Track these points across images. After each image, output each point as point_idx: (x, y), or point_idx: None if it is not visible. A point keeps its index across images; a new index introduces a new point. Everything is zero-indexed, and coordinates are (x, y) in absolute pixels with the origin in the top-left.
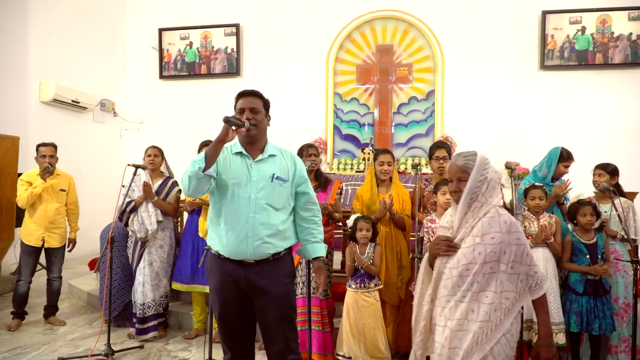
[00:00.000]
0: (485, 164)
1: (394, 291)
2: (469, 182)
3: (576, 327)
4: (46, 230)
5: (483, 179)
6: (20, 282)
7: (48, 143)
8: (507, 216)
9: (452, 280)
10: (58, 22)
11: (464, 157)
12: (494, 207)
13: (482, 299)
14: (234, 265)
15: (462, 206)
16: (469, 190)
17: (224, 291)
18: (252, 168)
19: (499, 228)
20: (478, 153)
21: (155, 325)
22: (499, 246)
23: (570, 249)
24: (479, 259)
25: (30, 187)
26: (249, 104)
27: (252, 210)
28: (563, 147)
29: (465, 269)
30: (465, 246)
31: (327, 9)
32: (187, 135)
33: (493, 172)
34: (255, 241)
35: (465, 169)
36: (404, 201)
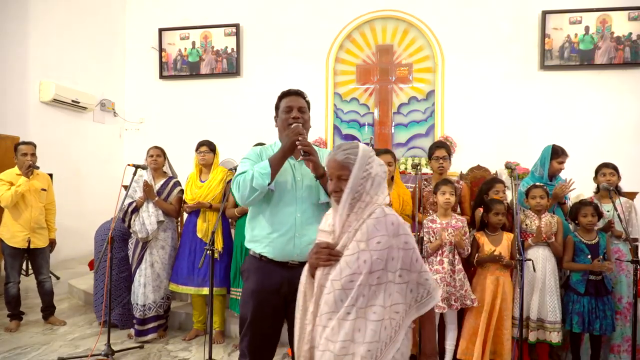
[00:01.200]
0: (369, 157)
1: None
2: (351, 179)
3: (578, 328)
4: (31, 231)
5: (367, 175)
6: (9, 285)
7: (28, 142)
8: (394, 216)
9: (334, 294)
10: (58, 22)
11: (343, 151)
12: (380, 206)
13: (369, 316)
14: (277, 268)
15: (343, 207)
16: (351, 188)
17: (262, 293)
18: (296, 168)
19: (385, 230)
20: (360, 145)
21: (154, 327)
22: (385, 252)
23: (572, 249)
24: (364, 268)
25: (13, 187)
26: (296, 103)
27: (299, 210)
28: (555, 144)
29: (348, 281)
30: (349, 253)
31: (327, 9)
32: (187, 135)
33: (378, 165)
34: (303, 242)
35: (346, 165)
36: (405, 201)
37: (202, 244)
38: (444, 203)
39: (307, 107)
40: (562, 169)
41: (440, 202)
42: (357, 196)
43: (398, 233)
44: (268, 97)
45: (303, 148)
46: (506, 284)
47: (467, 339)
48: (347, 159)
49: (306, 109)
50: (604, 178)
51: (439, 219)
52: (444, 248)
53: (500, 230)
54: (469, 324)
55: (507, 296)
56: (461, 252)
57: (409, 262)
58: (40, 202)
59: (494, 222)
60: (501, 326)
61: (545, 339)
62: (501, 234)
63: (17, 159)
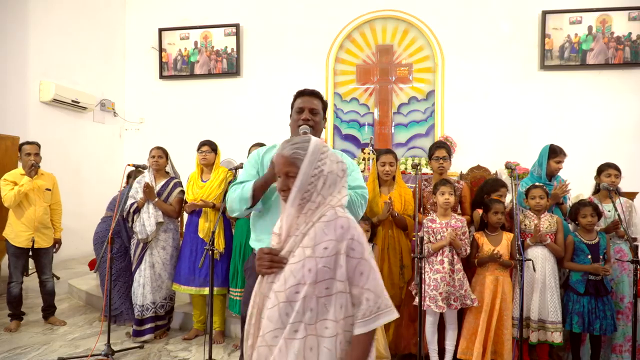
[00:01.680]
0: (322, 152)
1: (397, 291)
2: (299, 177)
3: (578, 328)
4: (36, 231)
5: (318, 173)
6: (12, 284)
7: (32, 142)
8: (345, 219)
9: (279, 307)
10: (58, 22)
11: (292, 146)
12: (334, 208)
13: (322, 332)
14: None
15: (290, 208)
16: (299, 187)
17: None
18: None
19: (333, 234)
20: (312, 139)
21: (151, 327)
22: (332, 258)
23: (571, 249)
24: (309, 278)
25: (16, 186)
26: (309, 104)
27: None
28: (553, 144)
29: (294, 292)
30: (294, 261)
31: (327, 9)
32: (187, 135)
33: (333, 163)
34: None
35: (294, 161)
36: (406, 201)
37: (203, 244)
38: (444, 203)
39: (320, 108)
40: (560, 168)
41: (439, 203)
42: (307, 196)
43: (344, 237)
44: (268, 97)
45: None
46: (506, 284)
47: (467, 339)
48: (295, 154)
49: (319, 110)
50: (609, 179)
51: (438, 219)
52: (444, 248)
53: (500, 230)
54: (468, 324)
55: (507, 296)
56: (459, 252)
57: (352, 273)
58: (44, 201)
59: (493, 221)
60: (501, 326)
61: (546, 339)
62: (501, 234)
63: (22, 158)
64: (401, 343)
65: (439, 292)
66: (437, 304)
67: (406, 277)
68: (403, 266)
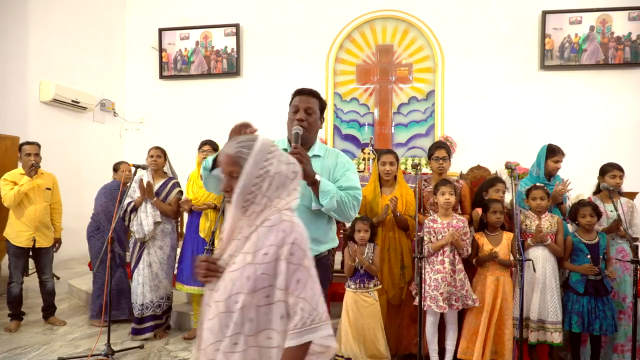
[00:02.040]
0: (269, 152)
1: (397, 291)
2: (242, 177)
3: (578, 328)
4: (36, 231)
5: (263, 174)
6: (12, 284)
7: (32, 142)
8: (288, 223)
9: (219, 318)
10: (58, 22)
11: (237, 144)
12: (280, 211)
13: (265, 343)
14: None
15: (234, 210)
16: (242, 188)
17: None
18: None
19: (274, 239)
20: (259, 138)
21: (151, 326)
22: (272, 265)
23: (570, 249)
24: (247, 287)
25: (16, 186)
26: (305, 104)
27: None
28: (551, 143)
29: (233, 302)
30: (235, 268)
31: (327, 9)
32: (187, 135)
33: (282, 163)
34: None
35: (238, 161)
36: (408, 202)
37: (204, 244)
38: (444, 203)
39: (317, 107)
40: (558, 167)
41: (440, 203)
42: (251, 198)
43: (285, 242)
44: (268, 97)
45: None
46: (506, 284)
47: (467, 339)
48: (239, 153)
49: (315, 109)
50: (613, 180)
51: (440, 219)
52: (445, 248)
53: (499, 230)
54: (469, 324)
55: (508, 296)
56: (460, 252)
57: (289, 279)
58: (45, 201)
59: (492, 220)
60: (502, 326)
61: (546, 339)
62: (501, 234)
63: (22, 158)
64: (402, 343)
65: (439, 292)
66: (438, 304)
67: (407, 278)
68: (404, 266)
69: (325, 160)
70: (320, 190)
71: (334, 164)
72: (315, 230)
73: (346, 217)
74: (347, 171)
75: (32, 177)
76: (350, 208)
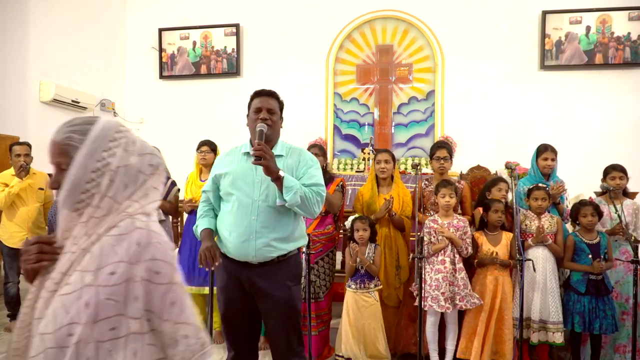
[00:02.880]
0: (111, 139)
1: (392, 292)
2: (71, 171)
3: (579, 328)
4: (29, 231)
5: (102, 167)
6: (8, 285)
7: (22, 142)
8: (144, 232)
9: (45, 355)
10: (58, 22)
11: (67, 128)
12: (132, 216)
13: None
14: (238, 266)
15: (63, 213)
16: (72, 185)
17: (229, 290)
18: (257, 170)
19: (125, 254)
20: (100, 120)
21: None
22: (122, 287)
23: (572, 249)
24: (85, 315)
25: (6, 188)
26: (266, 104)
27: (255, 212)
28: (542, 143)
29: (65, 335)
30: (68, 290)
31: (327, 9)
32: (187, 135)
33: (133, 154)
34: (258, 244)
35: (65, 149)
36: (405, 202)
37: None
38: (445, 205)
39: (277, 108)
40: (549, 165)
41: (441, 205)
42: (86, 199)
43: (141, 258)
44: None
45: (253, 153)
46: (506, 284)
47: (466, 338)
48: (69, 139)
49: (276, 109)
50: (613, 182)
51: (440, 220)
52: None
53: (499, 230)
54: (468, 324)
55: (507, 296)
56: (460, 250)
57: (160, 304)
58: (37, 201)
59: (493, 219)
60: (502, 326)
61: (547, 340)
62: (500, 234)
63: (12, 159)
64: (400, 343)
65: (441, 292)
66: (440, 303)
67: (402, 278)
68: (399, 267)
69: (287, 159)
70: (284, 186)
71: (297, 162)
72: (282, 228)
73: (310, 213)
74: (309, 168)
75: (23, 178)
76: (314, 204)
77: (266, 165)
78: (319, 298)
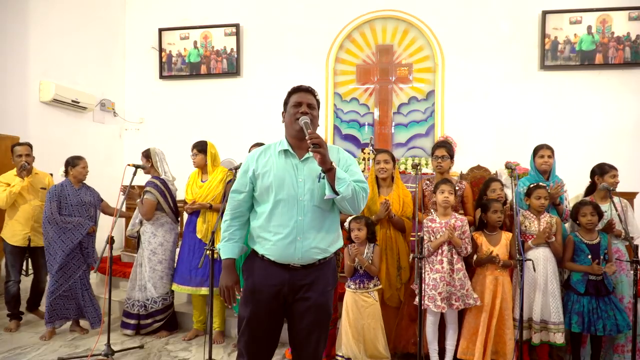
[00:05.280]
0: None
1: (394, 293)
2: None
3: (578, 328)
4: (32, 230)
5: None
6: (9, 283)
7: (23, 142)
8: None
9: None
10: (58, 22)
11: None
12: None
13: None
14: (278, 269)
15: None
16: None
17: (262, 293)
18: (298, 168)
19: None
20: None
21: (149, 323)
22: None
23: (572, 249)
24: None
25: (8, 187)
26: (306, 99)
27: (301, 212)
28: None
29: None
30: None
31: (327, 9)
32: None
33: None
34: (305, 245)
35: None
36: (405, 203)
37: (202, 244)
38: (443, 201)
39: (316, 104)
40: (546, 162)
41: (439, 201)
42: None
43: None
44: (268, 97)
45: (311, 140)
46: (505, 284)
47: (467, 339)
48: None
49: (315, 106)
50: (613, 180)
51: (438, 219)
52: (443, 247)
53: (499, 230)
54: (469, 324)
55: (507, 296)
56: (459, 250)
57: None
58: (40, 200)
59: (492, 220)
60: (502, 326)
61: (549, 340)
62: (500, 234)
63: (14, 160)
64: (400, 342)
65: (437, 291)
66: (436, 303)
67: (403, 279)
68: (400, 267)
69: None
70: (337, 177)
71: (337, 159)
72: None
73: (357, 208)
74: (350, 165)
75: (24, 177)
76: (361, 199)
77: (323, 154)
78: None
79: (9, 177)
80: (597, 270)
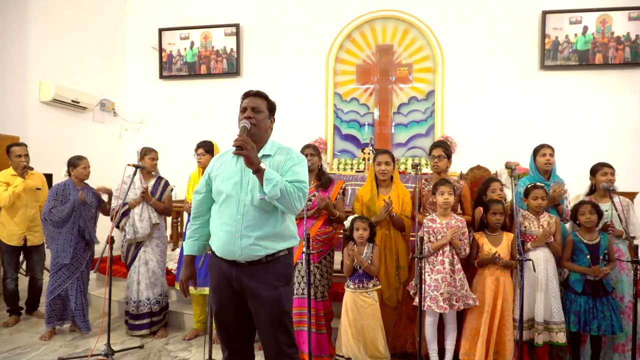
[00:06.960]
0: None
1: (393, 292)
2: None
3: (574, 327)
4: (27, 230)
5: None
6: (7, 281)
7: (20, 143)
8: None
9: None
10: (58, 22)
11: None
12: None
13: None
14: (227, 265)
15: None
16: None
17: (220, 290)
18: (245, 169)
19: None
20: None
21: (148, 323)
22: None
23: (571, 248)
24: None
25: (10, 187)
26: (252, 103)
27: (240, 211)
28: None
29: None
30: None
31: (327, 9)
32: (187, 135)
33: None
34: (243, 243)
35: None
36: (404, 202)
37: None
38: (443, 203)
39: (264, 107)
40: (548, 161)
41: (439, 203)
42: None
43: None
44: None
45: (234, 143)
46: (506, 284)
47: (469, 340)
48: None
49: (262, 109)
50: (605, 177)
51: (438, 219)
52: (444, 248)
53: (500, 231)
54: (470, 325)
55: (508, 296)
56: (458, 252)
57: None
58: (35, 200)
59: (492, 222)
60: (503, 326)
61: (551, 340)
62: (501, 234)
63: (11, 160)
64: (398, 342)
65: (439, 292)
66: (438, 304)
67: (402, 278)
68: (399, 267)
69: (275, 157)
70: (265, 178)
71: (284, 159)
72: (268, 227)
73: (292, 208)
74: (294, 165)
75: (25, 177)
76: (295, 199)
77: (247, 155)
78: (324, 297)
79: (6, 176)
80: (596, 273)
